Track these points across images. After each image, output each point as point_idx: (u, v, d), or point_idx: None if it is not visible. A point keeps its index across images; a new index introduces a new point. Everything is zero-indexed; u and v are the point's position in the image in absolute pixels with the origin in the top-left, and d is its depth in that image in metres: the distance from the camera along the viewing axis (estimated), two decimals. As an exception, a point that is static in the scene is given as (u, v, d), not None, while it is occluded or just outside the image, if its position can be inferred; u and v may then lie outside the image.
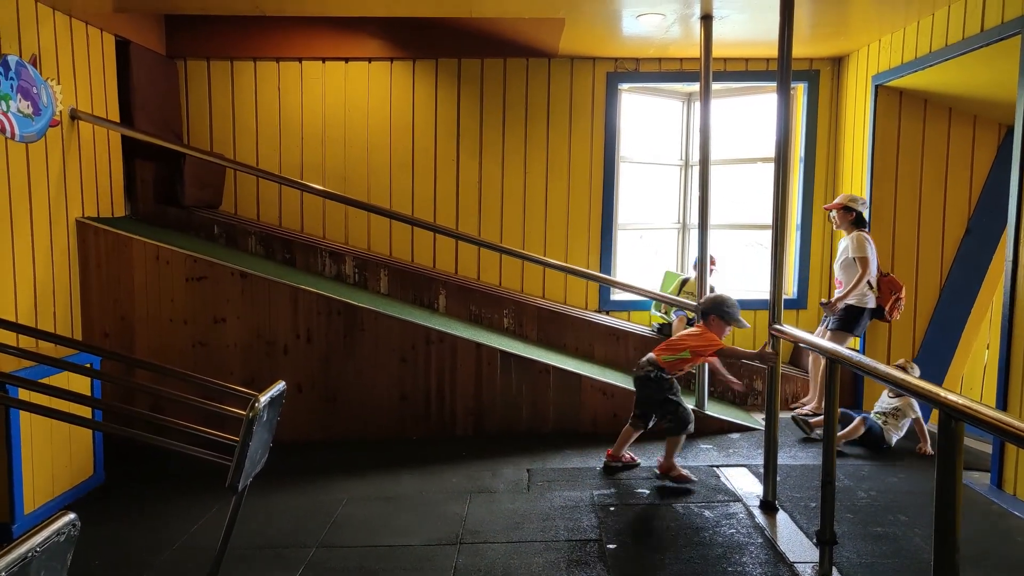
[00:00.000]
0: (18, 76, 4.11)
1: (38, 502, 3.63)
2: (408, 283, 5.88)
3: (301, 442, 4.79)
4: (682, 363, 4.20)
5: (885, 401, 4.87)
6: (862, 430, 4.71)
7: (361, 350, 4.90)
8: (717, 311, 4.24)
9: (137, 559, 3.25)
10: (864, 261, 5.03)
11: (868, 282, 5.09)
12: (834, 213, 5.25)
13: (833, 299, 5.21)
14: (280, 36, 5.88)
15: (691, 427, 4.14)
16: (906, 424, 4.77)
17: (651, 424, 4.28)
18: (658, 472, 4.18)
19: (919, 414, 4.74)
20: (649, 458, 4.49)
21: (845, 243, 5.19)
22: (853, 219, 5.16)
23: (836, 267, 5.35)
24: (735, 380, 4.64)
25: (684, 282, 5.96)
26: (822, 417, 4.25)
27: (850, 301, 5.11)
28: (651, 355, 4.24)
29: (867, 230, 5.22)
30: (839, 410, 4.57)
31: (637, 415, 4.28)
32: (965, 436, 2.00)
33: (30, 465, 3.57)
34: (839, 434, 4.61)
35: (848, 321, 5.13)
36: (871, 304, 5.14)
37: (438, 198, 6.18)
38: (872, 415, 4.83)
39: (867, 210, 5.31)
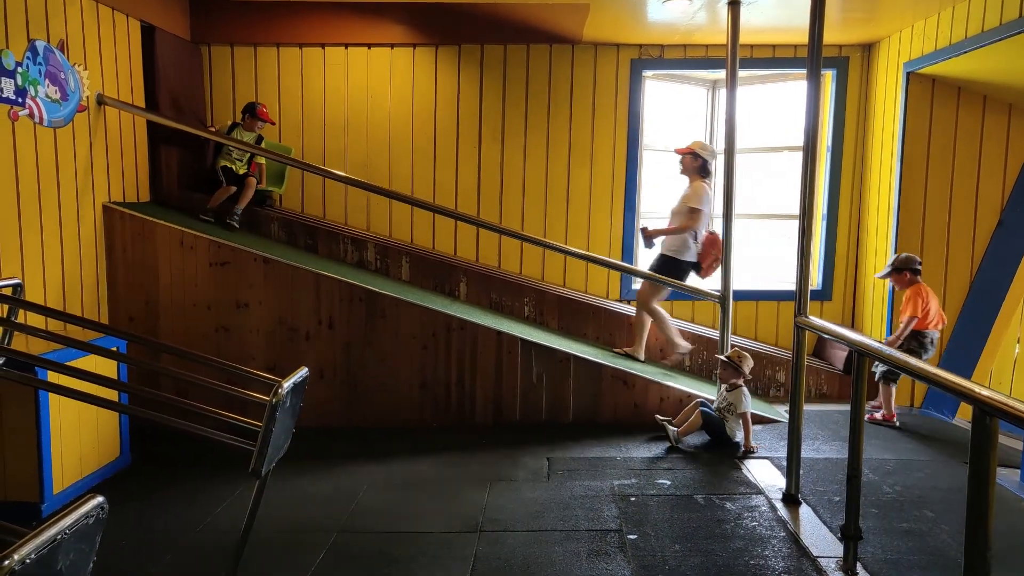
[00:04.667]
0: (46, 62, 4.15)
1: (66, 482, 3.69)
2: (429, 270, 5.89)
3: (322, 428, 4.82)
4: None
5: (721, 395, 4.65)
6: (700, 421, 4.54)
7: (382, 337, 4.92)
8: None
9: (161, 540, 3.30)
10: (696, 212, 4.94)
11: (694, 234, 4.98)
12: (681, 158, 5.18)
13: (654, 228, 5.16)
14: (303, 22, 5.87)
15: None
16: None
17: None
18: None
19: (747, 409, 4.51)
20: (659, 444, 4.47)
21: (685, 190, 5.15)
22: (699, 166, 5.05)
23: (671, 211, 5.32)
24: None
25: None
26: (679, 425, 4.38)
27: (670, 253, 5.06)
28: None
29: (710, 181, 5.10)
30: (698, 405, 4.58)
31: None
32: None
33: (59, 446, 3.63)
34: (680, 429, 4.54)
35: (664, 270, 5.10)
36: (691, 258, 5.08)
37: (460, 185, 6.16)
38: (712, 409, 4.64)
39: (715, 162, 5.16)
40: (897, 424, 5.04)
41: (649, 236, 5.12)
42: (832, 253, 6.24)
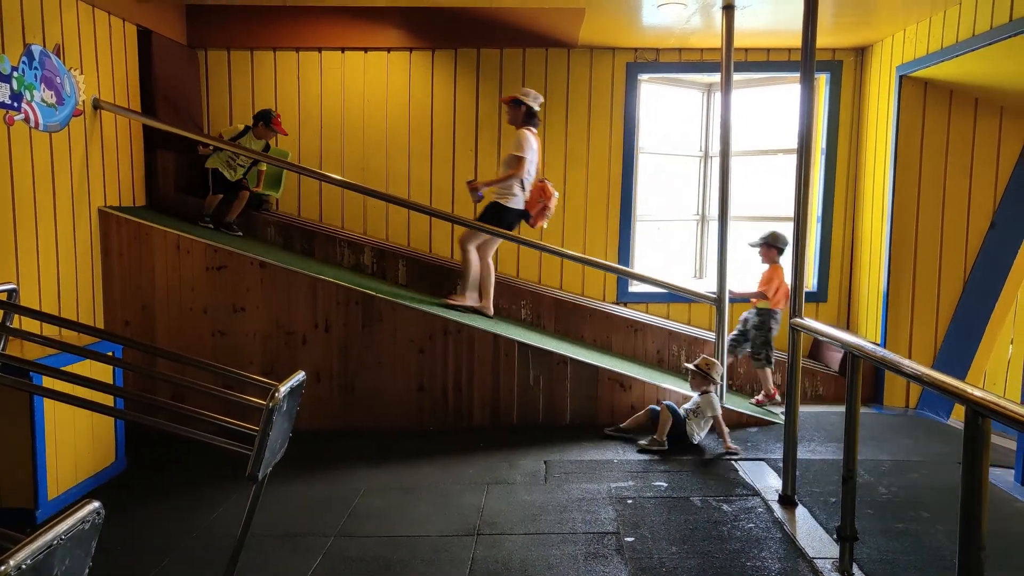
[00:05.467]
0: (42, 66, 4.14)
1: (61, 488, 3.68)
2: (426, 273, 5.89)
3: (319, 431, 4.81)
4: None
5: (693, 400, 4.67)
6: (647, 417, 4.59)
7: (379, 340, 4.92)
8: None
9: (158, 546, 3.29)
10: (519, 160, 4.95)
11: (521, 182, 5.01)
12: (505, 107, 5.20)
13: (478, 180, 5.16)
14: (300, 26, 5.88)
15: None
16: (709, 423, 4.59)
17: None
18: None
19: (718, 412, 4.56)
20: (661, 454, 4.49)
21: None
22: (523, 113, 5.06)
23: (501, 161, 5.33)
24: None
25: None
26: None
27: (496, 199, 5.08)
28: None
29: (534, 128, 5.11)
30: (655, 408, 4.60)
31: None
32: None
33: (53, 452, 3.62)
34: (625, 424, 4.57)
35: (491, 218, 5.10)
36: (517, 205, 5.09)
37: (457, 188, 6.16)
38: (681, 410, 4.64)
39: (538, 107, 5.16)
40: (779, 399, 5.22)
41: (475, 188, 5.13)
42: (827, 255, 6.26)
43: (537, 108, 5.14)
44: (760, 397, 5.42)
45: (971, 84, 5.23)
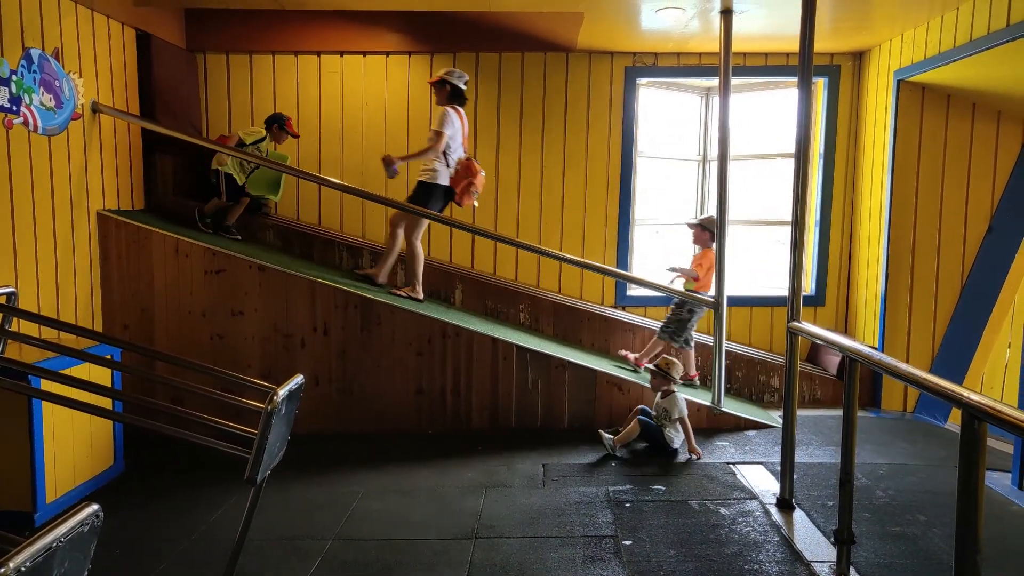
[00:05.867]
0: (41, 69, 4.15)
1: (59, 491, 3.68)
2: (425, 277, 5.88)
3: (318, 435, 4.82)
4: None
5: (656, 401, 4.64)
6: (638, 430, 4.51)
7: (378, 344, 4.92)
8: None
9: (156, 549, 3.29)
10: (438, 135, 4.98)
11: (445, 159, 5.05)
12: (433, 89, 5.24)
13: (397, 156, 5.19)
14: (298, 30, 5.89)
15: None
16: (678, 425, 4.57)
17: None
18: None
19: (683, 413, 4.51)
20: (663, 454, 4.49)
21: None
22: (448, 92, 5.11)
23: None
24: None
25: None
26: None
27: (420, 177, 5.13)
28: None
29: (460, 107, 5.16)
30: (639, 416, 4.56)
31: None
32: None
33: (52, 455, 3.61)
34: (617, 437, 4.51)
35: (418, 197, 5.14)
36: (442, 181, 5.11)
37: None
38: (651, 417, 4.62)
39: (464, 85, 5.17)
40: (697, 384, 5.35)
41: (390, 163, 5.12)
42: (825, 259, 6.28)
43: (463, 86, 5.18)
44: (641, 359, 5.44)
45: (969, 89, 5.25)
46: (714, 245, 5.20)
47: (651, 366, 4.67)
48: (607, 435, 4.54)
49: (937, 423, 5.36)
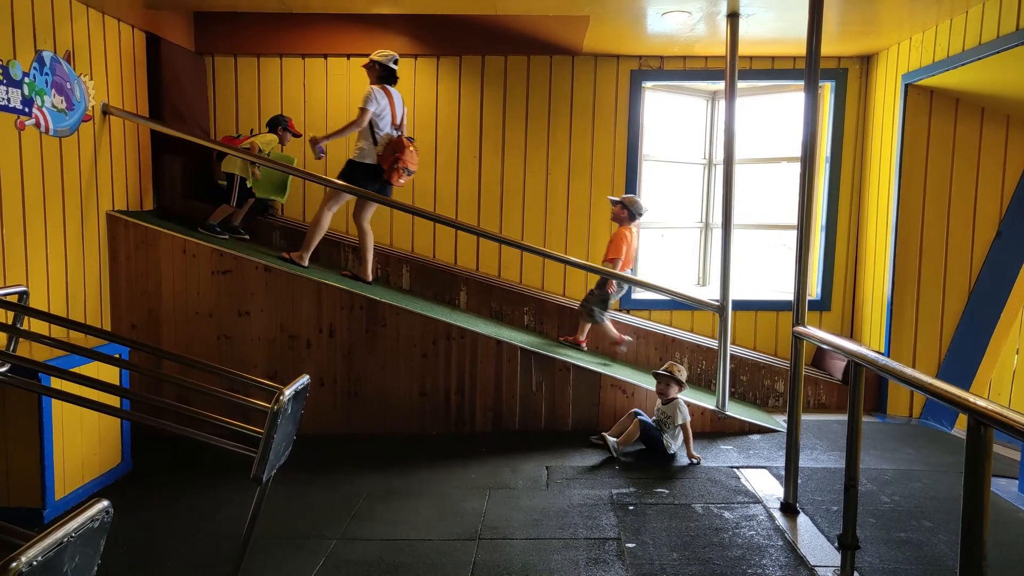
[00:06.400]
0: (52, 72, 4.19)
1: (68, 488, 3.71)
2: (430, 279, 5.92)
3: (323, 435, 4.84)
4: None
5: (658, 407, 4.64)
6: (638, 433, 4.50)
7: (383, 345, 4.94)
8: None
9: (163, 547, 3.31)
10: (361, 112, 5.06)
11: (372, 137, 5.13)
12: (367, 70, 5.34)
13: (321, 136, 5.24)
14: (306, 33, 5.93)
15: None
16: (679, 431, 4.54)
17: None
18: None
19: (686, 419, 4.50)
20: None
21: None
22: (376, 73, 5.22)
23: None
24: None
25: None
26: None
27: (352, 156, 5.19)
28: None
29: (390, 86, 5.23)
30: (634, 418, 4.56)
31: None
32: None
33: (61, 452, 3.65)
34: (619, 439, 4.50)
35: (347, 175, 5.19)
36: (369, 160, 5.17)
37: (460, 195, 6.20)
38: (651, 420, 4.62)
39: (393, 64, 5.25)
40: (584, 349, 5.54)
41: (315, 142, 5.19)
42: (831, 263, 6.27)
43: (392, 66, 5.26)
44: (579, 338, 5.62)
45: (977, 93, 5.24)
46: (633, 225, 5.45)
47: (659, 371, 4.66)
48: (612, 438, 4.54)
49: (944, 429, 5.34)
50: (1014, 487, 4.10)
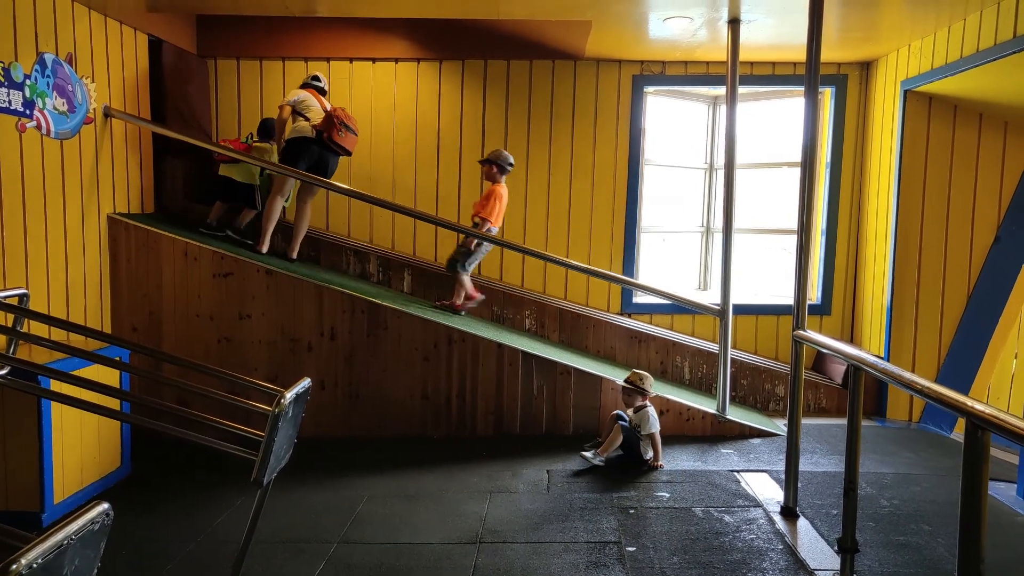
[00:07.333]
0: (54, 74, 4.20)
1: (67, 492, 3.71)
2: (432, 283, 5.92)
3: (324, 438, 4.84)
4: None
5: (629, 415, 4.56)
6: (620, 439, 4.42)
7: (384, 349, 4.94)
8: None
9: (162, 550, 3.31)
10: (282, 108, 5.32)
11: (302, 119, 5.27)
12: None
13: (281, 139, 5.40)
14: (308, 36, 5.95)
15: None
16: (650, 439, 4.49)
17: None
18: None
19: (653, 430, 4.43)
20: (671, 462, 4.50)
21: None
22: (303, 82, 5.51)
23: None
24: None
25: None
26: None
27: (289, 136, 5.30)
28: None
29: (316, 91, 5.45)
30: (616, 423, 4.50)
31: None
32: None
33: (60, 455, 3.65)
34: (601, 447, 4.44)
35: (288, 154, 5.27)
36: (306, 133, 5.27)
37: (462, 199, 6.20)
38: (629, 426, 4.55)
39: (316, 78, 5.53)
40: (462, 313, 5.47)
41: (279, 138, 5.43)
42: (831, 268, 6.27)
43: (314, 77, 5.56)
44: (456, 302, 5.49)
45: (975, 99, 5.25)
46: (503, 180, 5.45)
47: (623, 383, 4.59)
48: (587, 453, 4.46)
49: (943, 433, 5.35)
50: (1012, 491, 4.10)
